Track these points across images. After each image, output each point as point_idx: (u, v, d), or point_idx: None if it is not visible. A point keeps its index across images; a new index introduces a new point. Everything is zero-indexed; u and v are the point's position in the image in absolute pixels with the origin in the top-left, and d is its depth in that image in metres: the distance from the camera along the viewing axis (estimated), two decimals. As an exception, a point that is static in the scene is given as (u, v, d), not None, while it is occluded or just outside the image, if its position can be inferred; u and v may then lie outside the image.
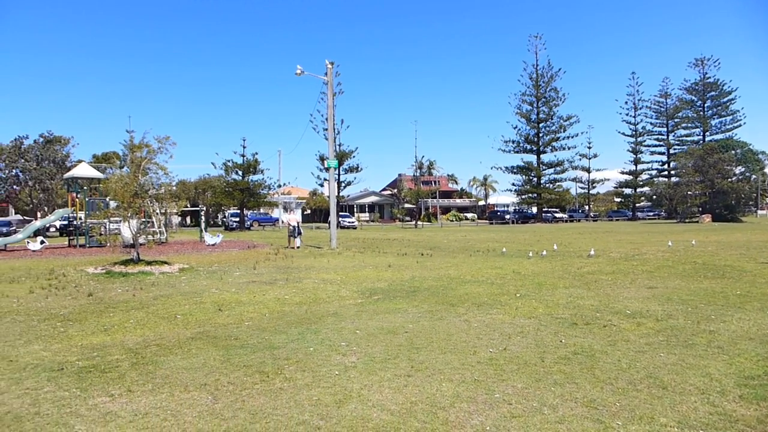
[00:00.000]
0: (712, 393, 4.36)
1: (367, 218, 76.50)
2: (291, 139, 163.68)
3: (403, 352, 5.74)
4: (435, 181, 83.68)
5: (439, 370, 5.07)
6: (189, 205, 44.97)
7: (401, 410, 4.10)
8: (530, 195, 71.13)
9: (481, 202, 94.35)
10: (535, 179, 70.82)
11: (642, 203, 78.41)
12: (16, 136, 49.67)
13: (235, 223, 51.17)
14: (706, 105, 73.29)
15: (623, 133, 78.03)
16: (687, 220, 54.87)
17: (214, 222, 60.65)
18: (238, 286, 11.30)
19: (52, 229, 40.00)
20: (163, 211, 17.39)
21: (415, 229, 48.91)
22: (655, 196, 69.76)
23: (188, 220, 59.89)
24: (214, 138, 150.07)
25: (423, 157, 66.59)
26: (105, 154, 59.87)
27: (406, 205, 69.49)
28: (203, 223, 36.35)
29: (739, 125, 70.26)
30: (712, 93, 71.93)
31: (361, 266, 15.09)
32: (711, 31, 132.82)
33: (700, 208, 56.79)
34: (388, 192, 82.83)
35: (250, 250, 21.78)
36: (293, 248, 22.52)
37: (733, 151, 62.98)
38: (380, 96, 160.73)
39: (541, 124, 70.87)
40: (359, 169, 56.74)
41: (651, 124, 77.40)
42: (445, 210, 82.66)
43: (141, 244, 15.60)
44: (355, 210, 75.88)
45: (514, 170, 72.01)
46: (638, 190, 76.71)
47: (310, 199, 77.50)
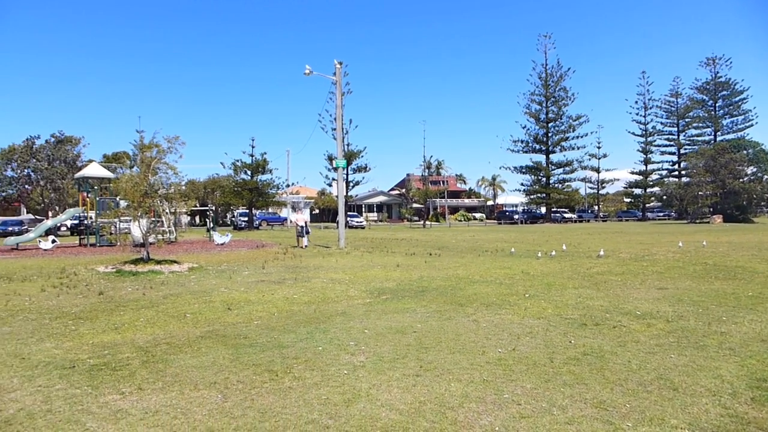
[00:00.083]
0: (724, 395, 4.32)
1: (375, 218, 76.55)
2: (299, 139, 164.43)
3: (412, 352, 5.74)
4: (443, 181, 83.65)
5: (448, 370, 5.06)
6: (198, 205, 45.20)
7: (410, 410, 4.10)
8: (539, 195, 70.82)
9: (490, 202, 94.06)
10: (544, 179, 70.51)
11: (652, 203, 77.81)
12: (28, 136, 50.26)
13: (243, 223, 51.42)
14: (717, 104, 72.48)
15: (633, 133, 77.44)
16: (698, 221, 54.39)
17: (222, 221, 60.98)
18: (247, 285, 11.34)
19: (63, 229, 40.37)
20: (173, 211, 17.48)
21: (423, 229, 48.86)
22: (665, 197, 69.14)
23: (197, 219, 60.21)
24: (223, 138, 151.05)
25: (431, 156, 66.88)
26: (115, 154, 60.31)
27: (415, 205, 69.41)
28: (210, 223, 36.56)
29: (751, 125, 69.46)
30: (724, 92, 71.12)
31: (370, 266, 15.10)
32: (722, 31, 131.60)
33: (711, 209, 56.25)
34: (397, 192, 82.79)
35: (259, 250, 21.87)
36: (301, 248, 22.58)
37: (745, 151, 62.22)
38: (389, 96, 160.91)
39: (551, 124, 70.53)
40: (367, 169, 56.74)
41: (661, 123, 76.80)
42: (454, 210, 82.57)
43: (151, 244, 15.70)
44: (364, 210, 75.94)
45: (523, 170, 71.76)
46: (648, 190, 76.11)
47: (318, 199, 77.70)
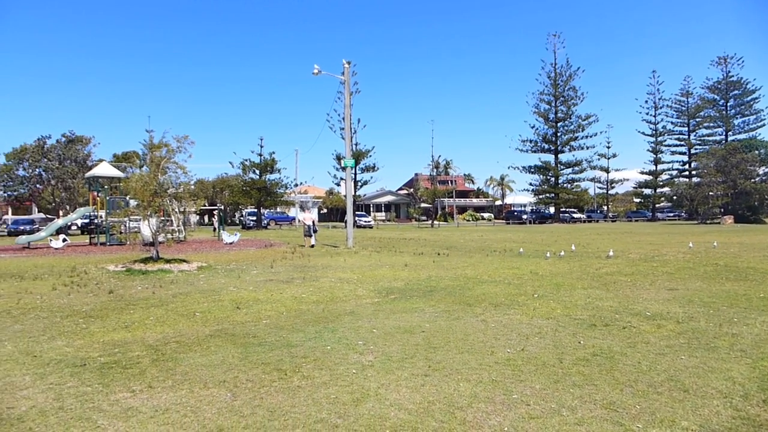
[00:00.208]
0: (735, 397, 4.29)
1: (383, 218, 76.56)
2: (308, 139, 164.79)
3: (420, 352, 5.74)
4: (451, 181, 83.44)
5: (457, 370, 5.06)
6: (207, 204, 45.44)
7: (419, 409, 4.10)
8: (548, 195, 70.54)
9: (498, 202, 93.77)
10: (553, 179, 70.22)
11: (662, 204, 77.25)
12: (39, 136, 50.69)
13: (252, 222, 51.64)
14: (728, 104, 71.82)
15: (643, 133, 76.92)
16: (708, 221, 53.95)
17: (231, 221, 61.24)
18: (255, 284, 11.39)
19: (74, 228, 40.71)
20: (182, 210, 17.58)
21: (431, 229, 48.81)
22: (675, 197, 68.58)
23: (206, 219, 60.52)
24: (232, 137, 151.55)
25: (439, 156, 66.53)
26: (125, 154, 60.73)
27: (423, 205, 69.33)
28: (216, 222, 36.73)
29: (763, 125, 68.80)
30: (735, 92, 70.46)
31: (378, 265, 15.10)
32: (734, 30, 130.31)
33: (722, 209, 55.78)
34: (405, 191, 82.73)
35: (267, 249, 21.94)
36: (309, 247, 22.63)
37: (757, 151, 61.53)
38: (397, 95, 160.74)
39: (560, 124, 70.23)
40: (376, 169, 56.86)
41: (672, 123, 76.22)
42: (462, 210, 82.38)
43: (160, 243, 15.80)
44: (372, 209, 75.95)
45: (532, 170, 71.50)
46: (658, 190, 75.56)
47: (326, 198, 77.78)
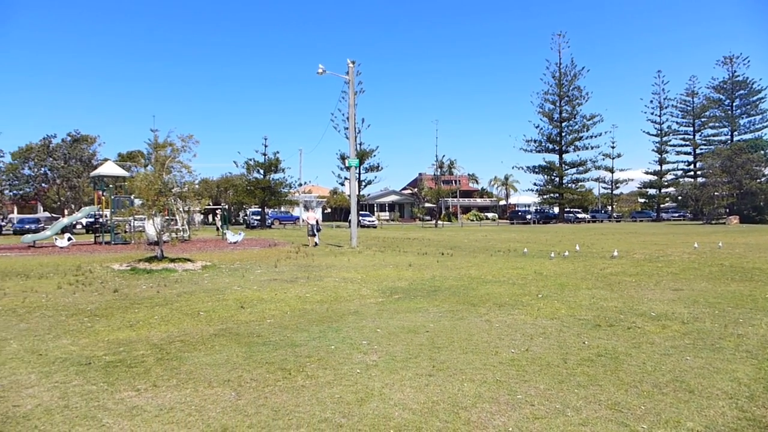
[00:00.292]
0: (741, 398, 4.27)
1: (387, 217, 76.55)
2: (312, 138, 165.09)
3: (424, 352, 5.74)
4: (455, 181, 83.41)
5: (461, 370, 5.05)
6: (211, 204, 45.53)
7: (423, 409, 4.10)
8: (552, 195, 70.37)
9: (502, 202, 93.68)
10: (557, 179, 70.02)
11: (667, 204, 76.94)
12: (45, 135, 50.74)
13: (256, 222, 51.73)
14: (734, 104, 71.43)
15: (648, 133, 76.70)
16: (713, 222, 53.70)
17: (235, 220, 61.33)
18: (259, 283, 11.40)
19: (79, 227, 40.92)
20: (187, 209, 17.64)
21: (435, 229, 48.78)
22: (680, 197, 68.25)
23: (210, 218, 60.66)
24: (236, 137, 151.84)
25: (443, 156, 66.18)
26: (130, 153, 60.86)
27: (427, 205, 69.27)
28: (219, 221, 36.78)
29: (769, 125, 68.59)
30: (741, 91, 70.08)
31: (382, 265, 15.10)
32: (740, 30, 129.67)
33: (727, 210, 55.52)
34: (409, 191, 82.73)
35: (271, 249, 21.97)
36: (313, 246, 22.65)
37: (763, 151, 61.18)
38: (401, 95, 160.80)
39: (564, 124, 69.97)
40: (380, 168, 56.67)
41: (677, 123, 75.81)
42: (466, 209, 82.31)
43: (165, 242, 15.85)
44: (376, 209, 75.96)
45: (536, 170, 71.28)
46: (663, 190, 75.21)
47: (330, 198, 77.85)
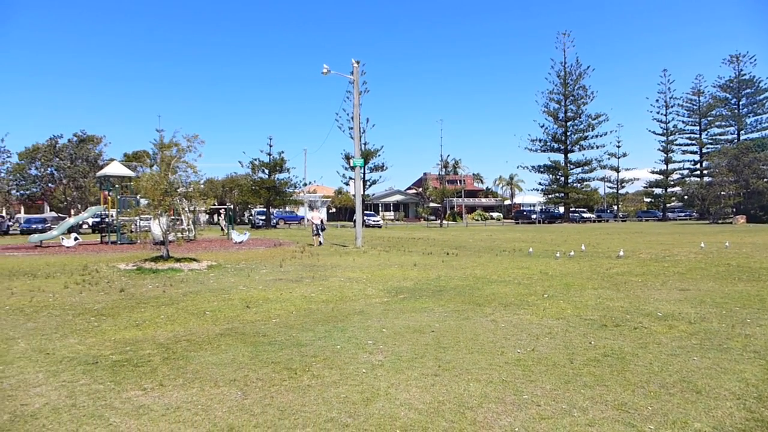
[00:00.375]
0: (749, 399, 4.24)
1: (392, 217, 76.55)
2: (317, 138, 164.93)
3: (430, 352, 5.73)
4: (460, 180, 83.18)
5: (467, 370, 5.04)
6: (217, 203, 45.65)
7: (429, 409, 4.10)
8: (557, 195, 70.17)
9: (507, 202, 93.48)
10: (563, 179, 69.81)
11: (673, 203, 76.63)
12: (52, 136, 50.96)
13: (261, 221, 51.83)
14: (741, 103, 71.08)
15: (654, 132, 76.24)
16: (720, 221, 53.42)
17: (240, 220, 61.47)
18: (265, 283, 11.43)
19: (85, 226, 41.07)
20: (192, 209, 17.68)
21: (440, 228, 48.76)
22: (686, 197, 67.97)
23: (215, 218, 60.79)
24: (242, 137, 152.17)
25: (448, 155, 66.08)
26: (136, 153, 61.00)
27: (431, 204, 69.23)
28: (223, 221, 36.80)
29: (776, 123, 68.16)
30: (748, 90, 69.73)
31: (387, 265, 15.10)
32: (745, 29, 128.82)
33: (734, 209, 55.21)
34: (413, 191, 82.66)
35: (277, 248, 22.01)
36: (317, 246, 22.69)
37: (770, 150, 60.96)
38: (406, 95, 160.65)
39: (569, 123, 69.76)
40: (384, 168, 56.86)
41: (683, 122, 75.56)
42: (471, 209, 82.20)
43: (170, 242, 15.89)
44: (380, 209, 75.96)
45: (541, 169, 71.10)
46: (669, 190, 74.92)
47: (335, 198, 77.87)
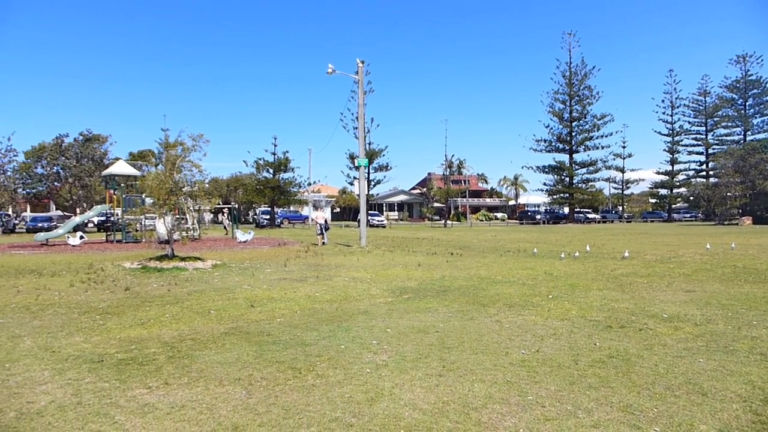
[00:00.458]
0: (755, 401, 4.22)
1: (396, 217, 76.54)
2: (321, 138, 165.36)
3: (434, 352, 5.73)
4: (465, 180, 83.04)
5: (471, 371, 5.04)
6: (221, 203, 45.75)
7: (433, 410, 4.09)
8: (562, 195, 69.99)
9: (512, 202, 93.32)
10: (567, 179, 69.61)
11: (678, 204, 76.32)
12: (57, 135, 51.08)
13: (265, 221, 51.90)
14: (747, 103, 70.73)
15: (659, 132, 76.14)
16: (726, 223, 53.16)
17: (245, 219, 61.55)
18: (269, 282, 11.44)
19: (90, 225, 41.26)
20: (197, 208, 17.72)
21: (444, 229, 48.71)
22: (692, 197, 67.66)
23: (219, 217, 60.92)
24: (246, 136, 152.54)
25: (453, 155, 65.78)
26: (141, 152, 61.13)
27: (436, 204, 69.15)
28: (225, 221, 36.81)
29: (783, 124, 67.82)
30: (755, 90, 69.37)
31: (391, 265, 15.10)
32: (752, 29, 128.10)
33: (740, 210, 54.90)
34: (418, 191, 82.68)
35: (281, 248, 22.04)
36: (321, 245, 22.71)
37: (776, 151, 60.63)
38: (410, 95, 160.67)
39: (574, 123, 69.53)
40: (389, 168, 56.57)
41: (689, 123, 75.11)
42: (475, 209, 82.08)
43: (175, 241, 15.93)
44: (384, 209, 75.97)
45: (546, 170, 70.90)
46: (674, 190, 74.61)
47: (339, 198, 77.93)
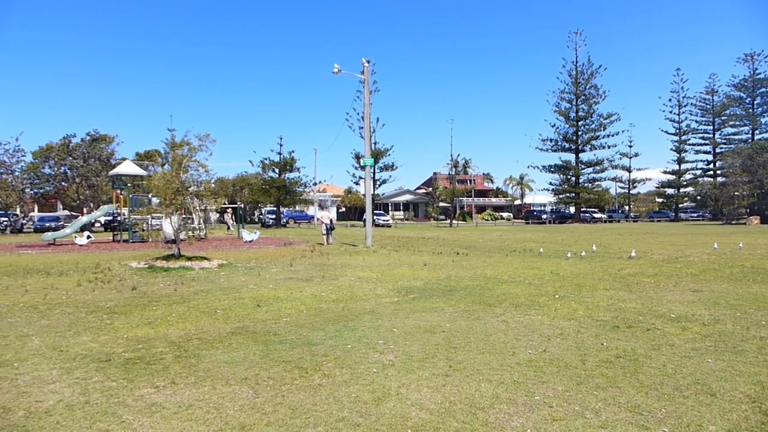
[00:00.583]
0: (764, 401, 4.19)
1: (402, 217, 76.53)
2: (327, 137, 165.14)
3: (441, 352, 5.72)
4: (470, 180, 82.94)
5: (478, 371, 5.03)
6: (227, 203, 45.90)
7: (440, 410, 4.08)
8: (568, 195, 69.78)
9: (517, 202, 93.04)
10: (573, 178, 69.42)
11: (685, 204, 75.94)
12: (65, 135, 51.43)
13: (271, 221, 52.00)
14: (755, 102, 70.39)
15: (666, 132, 75.71)
16: (733, 222, 52.85)
17: (251, 219, 61.73)
18: (275, 282, 11.46)
19: (97, 225, 41.45)
20: (203, 208, 17.80)
21: (449, 228, 48.67)
22: (699, 197, 67.31)
23: (225, 217, 61.09)
24: (252, 136, 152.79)
25: (458, 155, 65.75)
26: (148, 152, 61.42)
27: (441, 204, 69.08)
28: (230, 220, 36.86)
29: (792, 123, 67.39)
30: (763, 89, 69.00)
31: (397, 264, 15.09)
32: (759, 27, 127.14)
33: (748, 210, 54.60)
34: (423, 190, 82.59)
35: (287, 247, 22.07)
36: (327, 245, 22.74)
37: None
38: (416, 94, 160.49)
39: (580, 122, 69.34)
40: (394, 168, 56.79)
41: (696, 122, 74.85)
42: (481, 209, 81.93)
43: (181, 240, 15.99)
44: (390, 208, 75.96)
45: (552, 169, 70.74)
46: (681, 190, 74.25)
47: (345, 197, 77.94)
